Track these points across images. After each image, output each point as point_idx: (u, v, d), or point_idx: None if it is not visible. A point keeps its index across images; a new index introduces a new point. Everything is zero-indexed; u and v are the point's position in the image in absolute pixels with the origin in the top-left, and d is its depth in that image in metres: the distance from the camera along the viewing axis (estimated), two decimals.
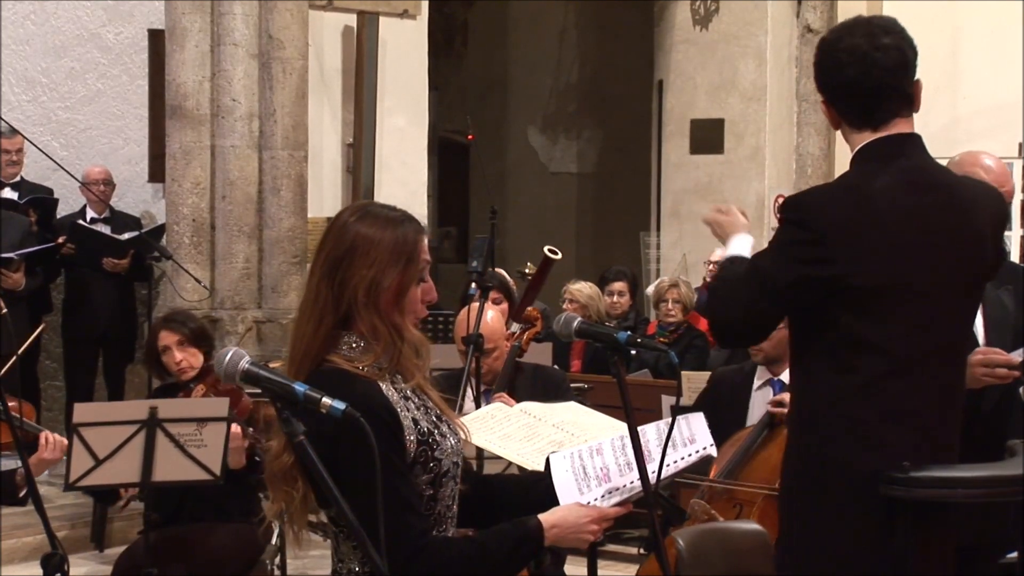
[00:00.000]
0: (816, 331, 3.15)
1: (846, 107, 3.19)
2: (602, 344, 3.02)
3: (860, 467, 3.12)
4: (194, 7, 8.17)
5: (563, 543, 2.80)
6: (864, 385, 3.11)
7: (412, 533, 2.60)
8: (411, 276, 2.68)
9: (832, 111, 3.24)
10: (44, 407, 8.84)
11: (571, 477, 2.89)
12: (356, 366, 2.65)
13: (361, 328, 2.67)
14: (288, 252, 8.34)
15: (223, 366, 2.50)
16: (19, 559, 6.80)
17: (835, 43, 3.18)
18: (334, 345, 2.68)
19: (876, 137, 3.18)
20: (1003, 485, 3.42)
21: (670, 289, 8.51)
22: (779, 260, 3.14)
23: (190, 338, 5.45)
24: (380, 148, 8.99)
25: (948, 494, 3.32)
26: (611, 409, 4.15)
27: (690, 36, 10.87)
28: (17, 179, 8.43)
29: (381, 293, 2.65)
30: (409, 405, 2.69)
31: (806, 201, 3.22)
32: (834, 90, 3.20)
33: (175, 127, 8.26)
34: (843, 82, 3.16)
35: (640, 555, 7.02)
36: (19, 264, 7.70)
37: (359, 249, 2.66)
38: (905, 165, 3.16)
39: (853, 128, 3.20)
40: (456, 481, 2.76)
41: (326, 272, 2.68)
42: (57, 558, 3.17)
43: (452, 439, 2.75)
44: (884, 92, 3.15)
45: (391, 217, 2.72)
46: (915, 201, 3.12)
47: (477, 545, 2.71)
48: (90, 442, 4.64)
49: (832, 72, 3.18)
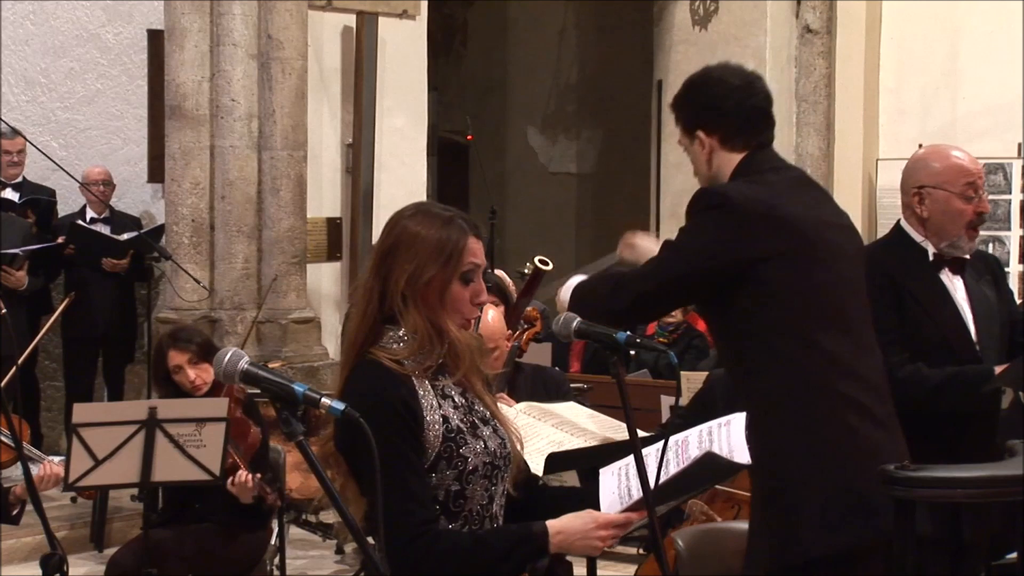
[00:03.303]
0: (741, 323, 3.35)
1: (734, 128, 3.48)
2: (601, 344, 3.02)
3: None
4: (193, 7, 8.17)
5: (571, 550, 2.79)
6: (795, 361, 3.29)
7: (412, 521, 2.63)
8: (451, 273, 2.72)
9: (712, 138, 3.49)
10: (44, 407, 8.84)
11: (616, 500, 2.87)
12: (397, 360, 2.71)
13: (405, 324, 2.72)
14: (287, 252, 8.34)
15: (222, 366, 2.50)
16: (19, 559, 6.80)
17: (719, 75, 3.56)
18: (380, 338, 2.74)
19: (750, 152, 3.49)
20: (1003, 485, 3.42)
21: None
22: (698, 239, 3.40)
23: (199, 354, 5.44)
24: (379, 148, 8.98)
25: (948, 494, 3.33)
26: (611, 409, 4.14)
27: (689, 36, 10.87)
28: (19, 180, 8.42)
29: (420, 288, 2.71)
30: (445, 403, 2.73)
31: (717, 190, 3.45)
32: (724, 113, 3.49)
33: (174, 127, 8.26)
34: (736, 104, 3.49)
35: (639, 555, 7.02)
36: (22, 262, 7.69)
37: (404, 243, 2.73)
38: (778, 166, 3.54)
39: (734, 150, 3.49)
40: (493, 482, 2.77)
41: (375, 264, 2.77)
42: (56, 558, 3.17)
43: (492, 442, 2.77)
44: (767, 114, 3.53)
45: (441, 216, 2.78)
46: (799, 190, 3.49)
47: (476, 540, 2.72)
48: (89, 442, 4.64)
49: (724, 97, 3.50)
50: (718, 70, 3.61)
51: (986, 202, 4.04)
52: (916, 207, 4.01)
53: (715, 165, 3.51)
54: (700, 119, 3.53)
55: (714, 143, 3.50)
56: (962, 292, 4.03)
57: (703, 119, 3.52)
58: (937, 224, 3.99)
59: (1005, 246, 10.22)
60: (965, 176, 3.98)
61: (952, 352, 3.92)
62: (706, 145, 3.51)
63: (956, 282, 4.03)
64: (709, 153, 3.51)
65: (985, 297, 4.06)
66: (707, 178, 3.53)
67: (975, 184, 3.99)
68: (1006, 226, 10.35)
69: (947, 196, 3.97)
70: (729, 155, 3.50)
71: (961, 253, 4.03)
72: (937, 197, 3.98)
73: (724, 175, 3.49)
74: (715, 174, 3.51)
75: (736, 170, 3.48)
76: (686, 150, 3.59)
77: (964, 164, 4.01)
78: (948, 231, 3.99)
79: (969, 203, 3.97)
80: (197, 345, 5.48)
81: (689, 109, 3.58)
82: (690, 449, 2.95)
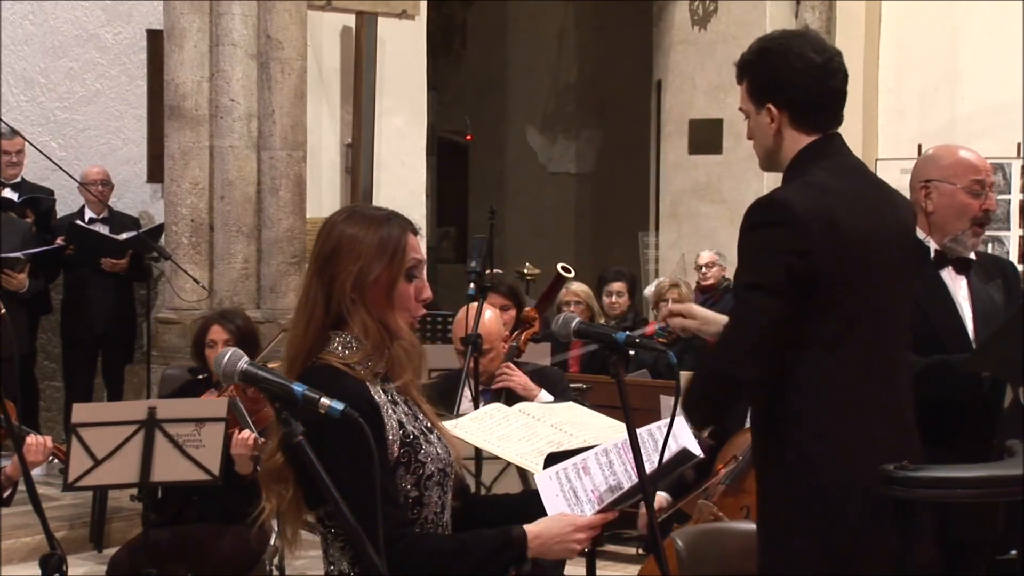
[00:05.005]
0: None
1: (804, 108, 3.29)
2: (601, 345, 3.01)
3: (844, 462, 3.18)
4: (193, 7, 8.17)
5: (549, 554, 2.78)
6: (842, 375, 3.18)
7: (390, 523, 2.59)
8: (397, 271, 2.71)
9: (782, 115, 3.30)
10: (43, 407, 8.84)
11: (563, 502, 2.86)
12: (347, 364, 2.69)
13: (353, 328, 2.71)
14: (287, 252, 8.34)
15: (221, 366, 2.51)
16: (18, 559, 6.79)
17: (789, 49, 3.29)
18: (327, 344, 2.72)
19: (814, 139, 3.30)
20: (1003, 485, 3.42)
21: (670, 289, 8.50)
22: (767, 264, 3.17)
23: (237, 335, 5.53)
24: (379, 148, 8.98)
25: (948, 494, 3.32)
26: (610, 409, 4.14)
27: (689, 36, 10.87)
28: (18, 180, 8.42)
29: (367, 288, 2.69)
30: (397, 409, 2.72)
31: (778, 200, 3.26)
32: (794, 91, 3.28)
33: (174, 127, 8.26)
34: (806, 84, 3.27)
35: (639, 555, 7.02)
36: (24, 265, 7.69)
37: (344, 247, 2.71)
38: (842, 163, 3.32)
39: (802, 131, 3.30)
40: (443, 488, 2.76)
41: (316, 271, 2.74)
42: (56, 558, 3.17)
43: (439, 448, 2.76)
44: (840, 96, 3.32)
45: (377, 216, 2.77)
46: (862, 196, 3.28)
47: (458, 543, 2.71)
48: (89, 442, 4.65)
49: (795, 74, 3.27)
50: (798, 41, 3.33)
51: (993, 200, 4.04)
52: (923, 201, 4.00)
53: (781, 142, 3.33)
54: (772, 91, 3.30)
55: (784, 119, 3.30)
56: (964, 292, 4.02)
57: (775, 92, 3.30)
58: (942, 218, 3.99)
59: (1005, 246, 10.22)
60: (973, 172, 3.98)
61: (946, 351, 3.91)
62: (775, 120, 3.31)
63: (959, 281, 4.03)
64: (777, 128, 3.31)
65: (990, 299, 4.05)
66: (768, 151, 3.36)
67: (983, 181, 3.99)
68: (1006, 226, 10.36)
69: (953, 190, 3.96)
70: (798, 136, 3.31)
71: (964, 250, 4.02)
72: (944, 191, 3.98)
73: (787, 155, 3.32)
74: (778, 151, 3.33)
75: (801, 154, 3.31)
76: (747, 116, 3.37)
77: (972, 160, 4.02)
78: (952, 225, 3.99)
79: (976, 199, 3.97)
80: (237, 327, 5.60)
81: (761, 77, 3.33)
82: (593, 477, 2.93)
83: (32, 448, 4.59)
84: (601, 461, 2.93)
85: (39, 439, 4.65)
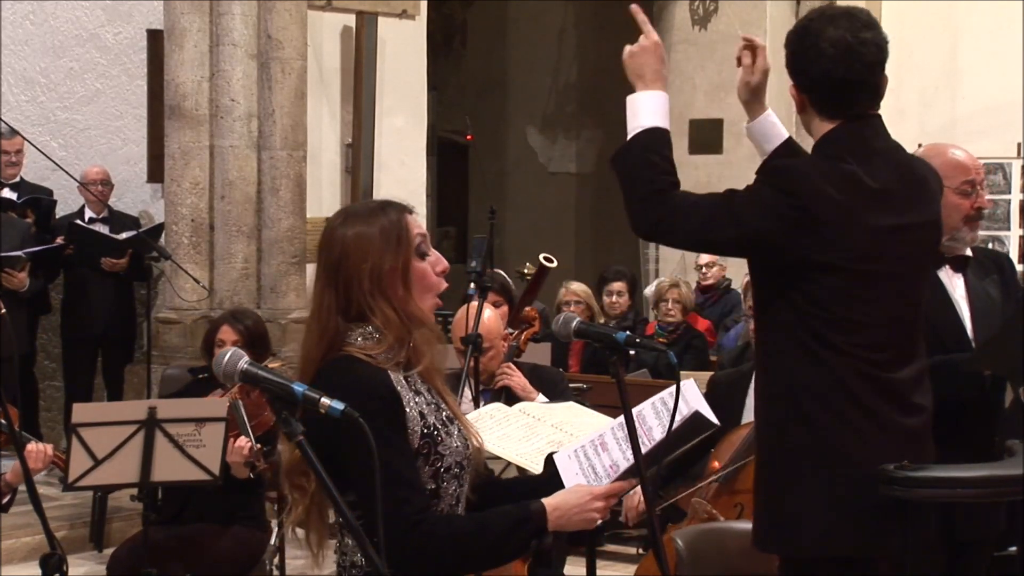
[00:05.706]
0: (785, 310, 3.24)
1: (821, 97, 3.29)
2: (601, 344, 3.01)
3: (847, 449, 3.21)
4: (193, 7, 8.17)
5: (569, 525, 2.76)
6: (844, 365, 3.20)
7: (409, 508, 2.60)
8: (407, 253, 2.71)
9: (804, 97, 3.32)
10: (43, 407, 8.84)
11: (583, 480, 2.86)
12: (369, 355, 2.68)
13: (375, 321, 2.69)
14: (287, 252, 8.34)
15: (221, 366, 2.50)
16: (18, 559, 6.80)
17: (818, 32, 3.27)
18: (348, 337, 2.70)
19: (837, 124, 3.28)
20: (1003, 485, 3.42)
21: (670, 289, 8.51)
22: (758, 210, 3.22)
23: (246, 336, 5.56)
24: (379, 148, 8.98)
25: (948, 494, 3.32)
26: (610, 409, 4.14)
27: (689, 36, 10.87)
28: (17, 180, 8.42)
29: (384, 279, 2.68)
30: (419, 400, 2.71)
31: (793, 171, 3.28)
32: (811, 79, 3.29)
33: (174, 127, 8.26)
34: (822, 73, 3.26)
35: (639, 555, 7.02)
36: (24, 264, 7.69)
37: (351, 248, 2.70)
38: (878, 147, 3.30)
39: (824, 117, 3.30)
40: (460, 482, 2.75)
41: (327, 281, 2.72)
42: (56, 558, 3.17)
43: (459, 441, 2.75)
44: (861, 86, 3.28)
45: (371, 208, 2.78)
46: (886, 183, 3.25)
47: (477, 522, 2.70)
48: (89, 442, 4.64)
49: (813, 61, 3.28)
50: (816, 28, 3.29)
51: (984, 197, 4.03)
52: None
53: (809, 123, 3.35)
54: (793, 73, 3.34)
55: (805, 102, 3.34)
56: (961, 290, 4.01)
57: (796, 75, 3.33)
58: None
59: (1005, 246, 10.22)
60: (962, 173, 3.98)
61: (946, 350, 3.91)
62: (798, 100, 3.35)
63: (956, 280, 4.02)
64: (802, 106, 3.35)
65: (987, 296, 4.05)
66: (805, 127, 3.38)
67: (973, 181, 3.98)
68: (1006, 226, 10.36)
69: (944, 191, 3.97)
70: (820, 120, 3.32)
71: (961, 246, 4.02)
72: None
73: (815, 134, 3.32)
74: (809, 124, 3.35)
75: (822, 142, 3.31)
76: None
77: (961, 160, 4.01)
78: (945, 226, 3.99)
79: (966, 198, 3.96)
80: (247, 328, 5.64)
81: (787, 57, 3.35)
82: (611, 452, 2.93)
83: (32, 455, 4.59)
84: (618, 435, 2.92)
85: (40, 446, 4.65)
